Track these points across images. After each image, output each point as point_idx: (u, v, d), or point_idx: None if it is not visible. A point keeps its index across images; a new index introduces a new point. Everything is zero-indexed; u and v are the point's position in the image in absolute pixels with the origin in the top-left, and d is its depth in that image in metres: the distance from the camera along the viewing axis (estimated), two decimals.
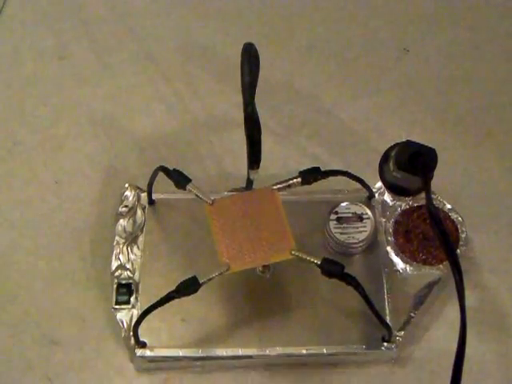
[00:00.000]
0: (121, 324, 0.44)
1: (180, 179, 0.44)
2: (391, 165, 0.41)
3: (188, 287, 0.39)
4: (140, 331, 0.42)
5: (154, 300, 0.40)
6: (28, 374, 0.44)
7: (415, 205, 0.49)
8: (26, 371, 0.44)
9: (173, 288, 0.39)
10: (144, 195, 0.51)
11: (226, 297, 0.46)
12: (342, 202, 0.48)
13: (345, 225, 0.47)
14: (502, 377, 0.44)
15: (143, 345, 0.43)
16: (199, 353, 0.43)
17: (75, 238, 0.51)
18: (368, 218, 0.47)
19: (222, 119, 0.59)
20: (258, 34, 0.66)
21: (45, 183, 0.55)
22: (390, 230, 0.48)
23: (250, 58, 0.38)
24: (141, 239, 0.49)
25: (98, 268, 0.49)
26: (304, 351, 0.43)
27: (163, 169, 0.45)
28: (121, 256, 0.48)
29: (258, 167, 0.42)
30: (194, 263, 0.47)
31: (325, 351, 0.43)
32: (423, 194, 0.39)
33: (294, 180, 0.44)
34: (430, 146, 0.39)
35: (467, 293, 0.34)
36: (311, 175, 0.45)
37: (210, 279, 0.39)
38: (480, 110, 0.60)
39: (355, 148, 0.57)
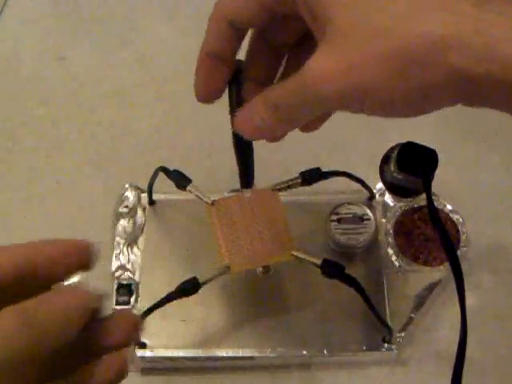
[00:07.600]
0: None
1: (180, 180, 0.44)
2: (392, 166, 0.41)
3: (188, 288, 0.39)
4: (140, 332, 0.42)
5: (154, 300, 0.40)
6: None
7: (416, 206, 0.49)
8: None
9: (173, 289, 0.39)
10: (144, 195, 0.51)
11: (227, 297, 0.45)
12: (343, 202, 0.48)
13: (345, 226, 0.46)
14: (502, 378, 0.44)
15: (143, 345, 0.43)
16: (199, 353, 0.43)
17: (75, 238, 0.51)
18: (369, 219, 0.47)
19: (222, 119, 0.59)
20: None
21: (45, 183, 0.55)
22: (391, 231, 0.47)
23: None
24: (141, 240, 0.49)
25: (98, 268, 0.49)
26: (305, 352, 0.43)
27: (163, 169, 0.45)
28: (121, 256, 0.48)
29: (251, 187, 0.39)
30: (194, 264, 0.47)
31: (325, 352, 0.43)
32: (424, 195, 0.39)
33: (295, 181, 0.44)
34: (430, 146, 0.40)
35: (467, 294, 0.34)
36: (312, 176, 0.44)
37: (210, 280, 0.39)
38: (481, 110, 0.59)
39: (356, 149, 0.56)
